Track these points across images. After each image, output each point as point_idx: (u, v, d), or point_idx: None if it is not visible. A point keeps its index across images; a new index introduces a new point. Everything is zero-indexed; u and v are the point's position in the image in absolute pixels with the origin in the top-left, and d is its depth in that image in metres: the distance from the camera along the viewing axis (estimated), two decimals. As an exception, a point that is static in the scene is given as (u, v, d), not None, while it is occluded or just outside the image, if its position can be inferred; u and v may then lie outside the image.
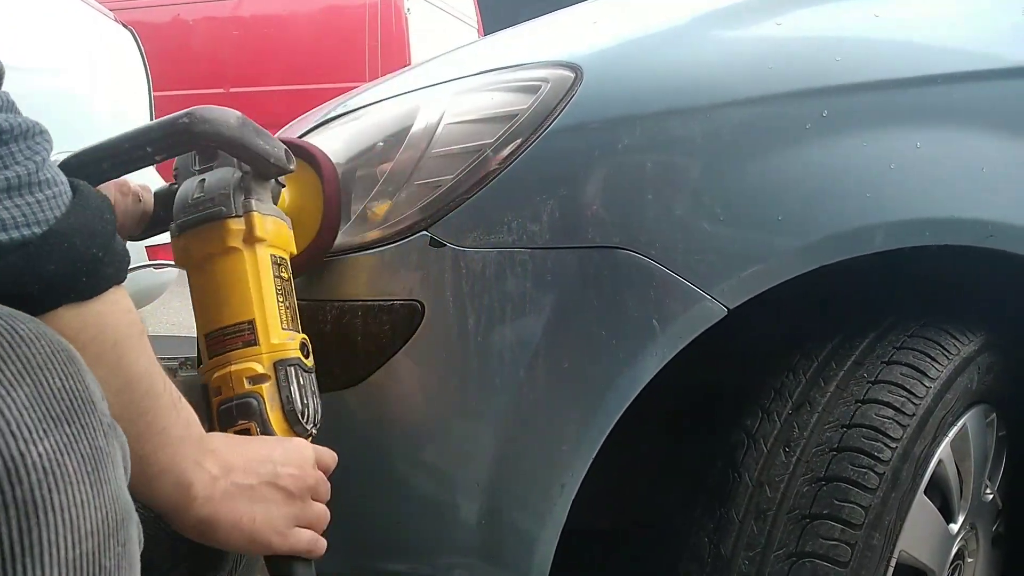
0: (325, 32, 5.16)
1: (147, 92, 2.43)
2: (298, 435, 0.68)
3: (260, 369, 0.67)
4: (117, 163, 0.68)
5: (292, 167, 0.72)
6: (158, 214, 0.79)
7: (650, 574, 0.99)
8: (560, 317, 0.73)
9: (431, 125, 0.79)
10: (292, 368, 0.68)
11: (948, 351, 0.84)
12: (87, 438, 0.38)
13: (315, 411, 0.70)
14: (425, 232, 0.74)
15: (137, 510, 0.65)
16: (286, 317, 0.69)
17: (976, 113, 0.81)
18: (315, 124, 1.05)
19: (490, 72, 0.84)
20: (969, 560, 0.99)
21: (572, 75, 0.76)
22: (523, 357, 0.73)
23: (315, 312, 0.77)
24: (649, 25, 0.85)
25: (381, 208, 0.78)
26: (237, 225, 0.68)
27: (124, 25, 2.45)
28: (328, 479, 0.67)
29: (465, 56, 1.02)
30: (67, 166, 0.71)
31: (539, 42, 0.96)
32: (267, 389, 0.66)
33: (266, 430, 0.66)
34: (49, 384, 0.37)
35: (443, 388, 0.76)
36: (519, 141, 0.74)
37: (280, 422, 0.67)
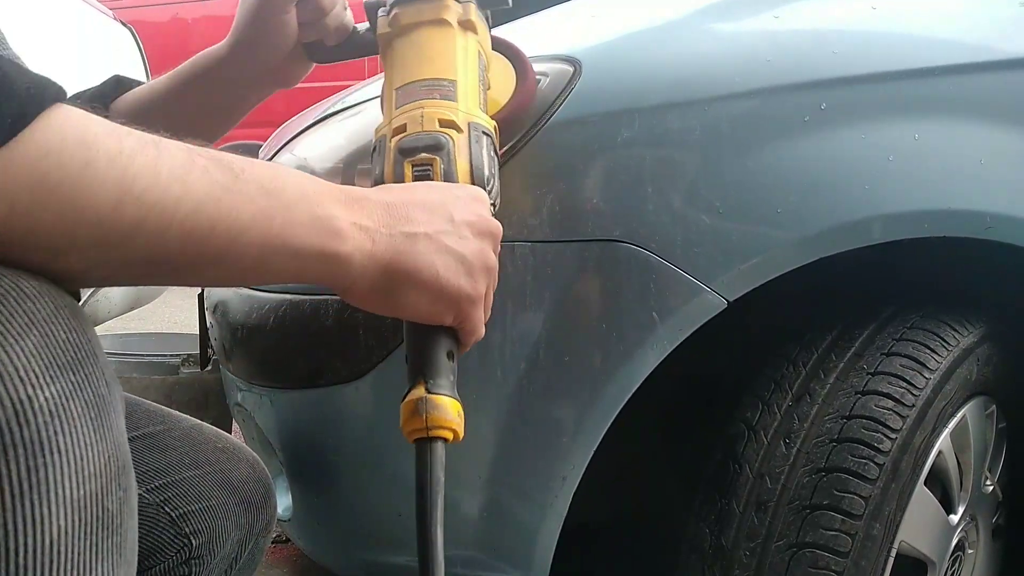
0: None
1: (147, 90, 2.43)
2: None
3: (455, 118, 0.59)
4: None
5: (508, 3, 0.70)
6: (356, 34, 0.77)
7: (650, 566, 0.99)
8: (560, 310, 0.74)
9: (431, 120, 0.79)
10: (486, 136, 0.61)
11: (947, 342, 0.84)
12: (91, 386, 0.39)
13: (497, 192, 0.62)
14: (425, 226, 0.75)
15: (141, 496, 0.65)
16: (485, 104, 0.65)
17: (975, 105, 0.81)
18: (315, 120, 1.05)
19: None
20: (969, 551, 1.00)
21: (571, 69, 0.76)
22: (523, 350, 0.74)
23: (317, 306, 0.77)
24: (648, 18, 0.85)
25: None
26: (455, 4, 0.65)
27: (123, 23, 2.45)
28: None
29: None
30: None
31: (538, 36, 0.96)
32: (459, 138, 0.59)
33: (450, 172, 0.57)
34: (55, 335, 0.38)
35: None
36: (519, 135, 0.74)
37: (466, 174, 0.58)
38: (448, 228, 0.50)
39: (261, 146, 1.28)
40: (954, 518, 0.92)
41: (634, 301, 0.72)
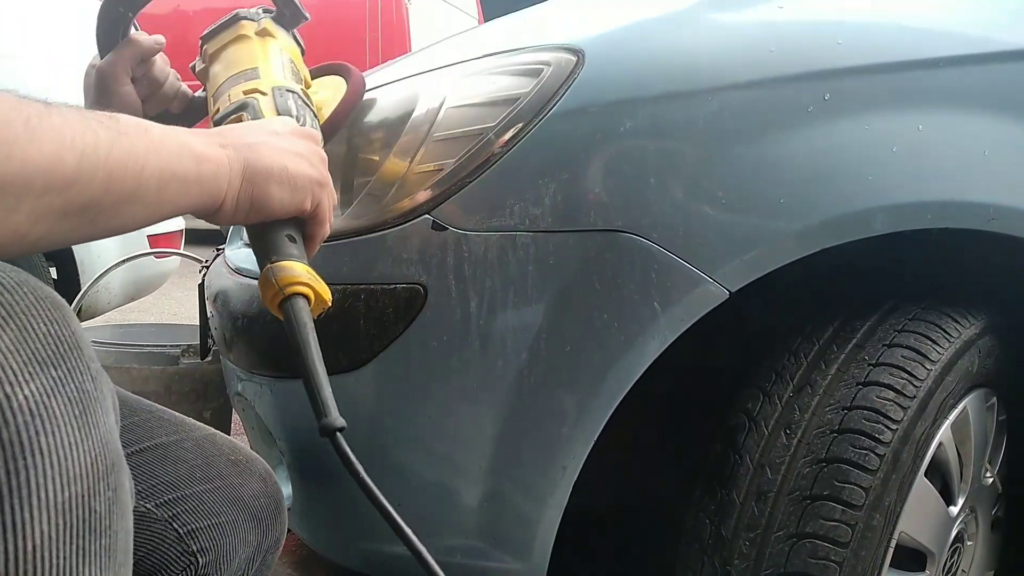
0: (325, 23, 5.15)
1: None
2: None
3: (257, 87, 0.68)
4: None
5: (307, 17, 0.79)
6: (198, 100, 0.85)
7: (650, 556, 1.00)
8: (562, 300, 0.73)
9: (432, 110, 0.79)
10: (291, 94, 0.69)
11: (949, 334, 0.84)
12: (74, 381, 0.37)
13: (312, 127, 0.69)
14: (427, 215, 0.75)
15: (149, 510, 0.65)
16: (290, 75, 0.73)
17: (978, 96, 0.81)
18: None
19: (492, 56, 0.84)
20: (968, 543, 1.00)
21: (574, 59, 0.76)
22: (525, 340, 0.74)
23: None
24: (651, 8, 0.85)
25: (384, 192, 0.79)
26: (251, 23, 0.75)
27: (124, 14, 2.44)
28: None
29: (466, 41, 1.02)
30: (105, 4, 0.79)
31: (541, 26, 0.96)
32: (264, 99, 0.67)
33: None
34: (34, 329, 0.36)
35: (445, 371, 0.76)
36: (521, 125, 0.74)
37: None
38: (274, 139, 0.57)
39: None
40: (954, 510, 0.92)
41: (636, 291, 0.72)
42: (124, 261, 1.65)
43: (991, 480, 1.00)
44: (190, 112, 0.86)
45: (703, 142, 0.74)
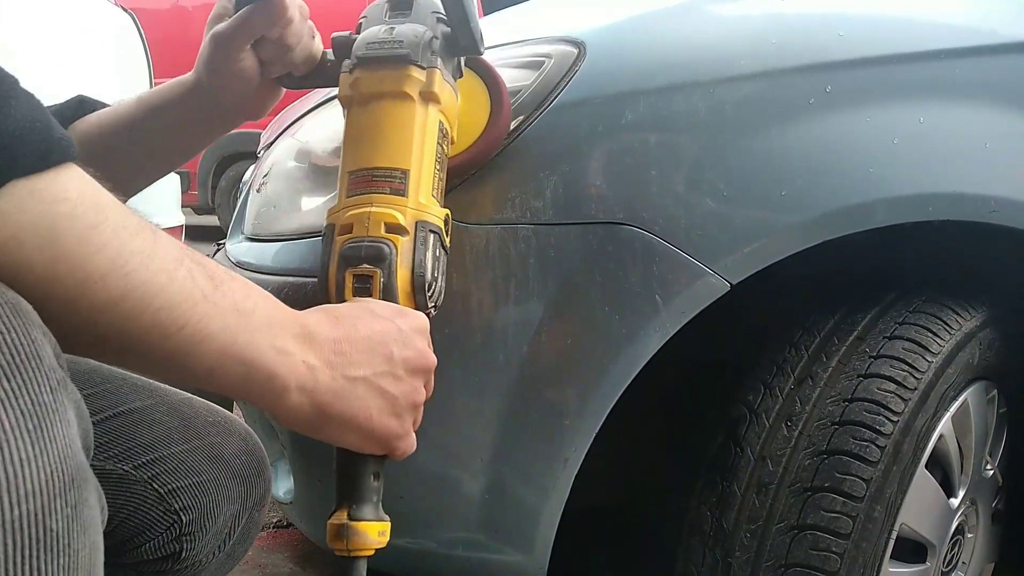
0: (325, 19, 5.14)
1: (148, 76, 2.43)
2: (418, 306, 0.62)
3: (402, 220, 0.61)
4: None
5: (482, 49, 0.69)
6: (326, 63, 0.75)
7: (651, 548, 1.00)
8: (563, 293, 0.73)
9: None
10: (433, 235, 0.63)
11: (950, 326, 0.84)
12: (29, 394, 0.35)
13: (440, 291, 0.64)
14: (429, 208, 0.74)
15: (128, 472, 0.64)
16: (438, 187, 0.65)
17: (980, 88, 0.81)
18: (315, 104, 1.05)
19: (493, 49, 0.84)
20: (969, 536, 1.00)
21: (576, 50, 0.75)
22: (526, 333, 0.74)
23: (319, 289, 0.77)
24: (652, 0, 0.85)
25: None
26: (419, 75, 0.64)
27: (125, 9, 2.44)
28: None
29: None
30: None
31: (542, 18, 0.96)
32: (403, 243, 0.61)
33: (390, 284, 0.60)
34: None
35: (447, 364, 0.76)
36: (522, 117, 0.74)
37: (406, 283, 0.61)
38: (386, 368, 0.53)
39: (261, 134, 1.28)
40: (954, 502, 0.92)
41: (637, 284, 0.72)
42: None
43: (991, 472, 1.00)
44: (316, 76, 0.76)
45: (704, 134, 0.74)
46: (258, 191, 1.01)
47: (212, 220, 5.79)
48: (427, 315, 0.62)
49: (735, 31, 0.79)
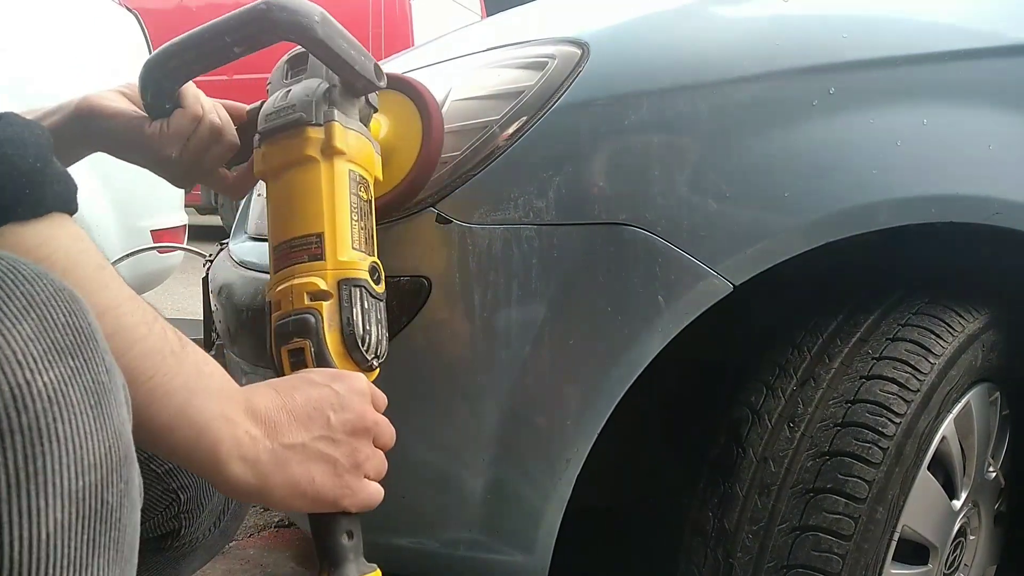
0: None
1: (151, 76, 2.42)
2: (356, 363, 0.64)
3: (322, 285, 0.62)
4: (200, 55, 0.68)
5: (381, 84, 0.68)
6: (251, 135, 0.75)
7: (653, 549, 1.00)
8: (566, 293, 0.74)
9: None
10: (358, 289, 0.64)
11: (953, 328, 0.84)
12: (90, 372, 0.37)
13: (378, 341, 0.65)
14: (432, 208, 0.75)
15: None
16: (359, 237, 0.65)
17: (984, 90, 0.81)
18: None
19: (497, 49, 0.84)
20: (971, 537, 1.00)
21: (579, 51, 0.76)
22: (529, 333, 0.74)
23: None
24: (656, 1, 0.85)
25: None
26: (316, 134, 0.65)
27: (128, 9, 2.45)
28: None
29: (471, 34, 1.02)
30: (150, 64, 0.71)
31: (546, 19, 0.96)
32: (327, 307, 0.62)
33: (321, 351, 0.61)
34: (53, 319, 0.37)
35: (449, 364, 0.76)
36: (526, 118, 0.74)
37: (337, 345, 0.62)
38: (324, 433, 0.55)
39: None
40: (957, 504, 0.92)
41: (640, 285, 0.72)
42: (127, 256, 1.65)
43: (994, 474, 1.00)
44: (245, 151, 0.78)
45: (708, 135, 0.74)
46: (259, 194, 1.01)
47: (215, 220, 5.80)
48: (371, 368, 0.64)
49: (738, 32, 0.79)
